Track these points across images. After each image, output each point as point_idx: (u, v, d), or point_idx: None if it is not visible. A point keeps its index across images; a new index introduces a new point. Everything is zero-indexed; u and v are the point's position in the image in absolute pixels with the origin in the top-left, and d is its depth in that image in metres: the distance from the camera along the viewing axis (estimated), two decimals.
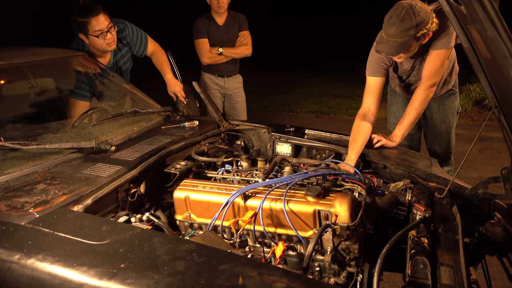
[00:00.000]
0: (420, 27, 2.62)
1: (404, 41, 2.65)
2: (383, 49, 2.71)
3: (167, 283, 1.34)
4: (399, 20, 2.61)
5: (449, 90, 3.48)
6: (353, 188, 2.18)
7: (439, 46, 2.86)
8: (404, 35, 2.63)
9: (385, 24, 2.70)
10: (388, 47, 2.69)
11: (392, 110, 3.80)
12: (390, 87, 3.79)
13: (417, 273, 1.60)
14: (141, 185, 2.29)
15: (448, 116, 3.53)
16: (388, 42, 2.68)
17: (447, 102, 3.51)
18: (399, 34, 2.63)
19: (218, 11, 4.78)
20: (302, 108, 9.97)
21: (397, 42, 2.65)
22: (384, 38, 2.71)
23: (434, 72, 2.91)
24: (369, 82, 3.11)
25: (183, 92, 3.94)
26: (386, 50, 2.71)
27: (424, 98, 2.93)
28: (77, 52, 3.42)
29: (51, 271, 1.46)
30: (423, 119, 3.64)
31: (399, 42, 2.65)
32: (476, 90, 9.13)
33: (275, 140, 3.06)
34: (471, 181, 2.87)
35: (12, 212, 1.79)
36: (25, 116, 2.83)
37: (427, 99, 2.96)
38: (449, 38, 2.84)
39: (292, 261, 2.07)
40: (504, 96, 1.75)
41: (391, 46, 2.67)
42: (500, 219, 2.12)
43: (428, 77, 2.92)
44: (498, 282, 3.41)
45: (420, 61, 3.07)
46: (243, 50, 5.01)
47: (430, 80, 2.91)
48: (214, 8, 4.79)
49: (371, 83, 3.09)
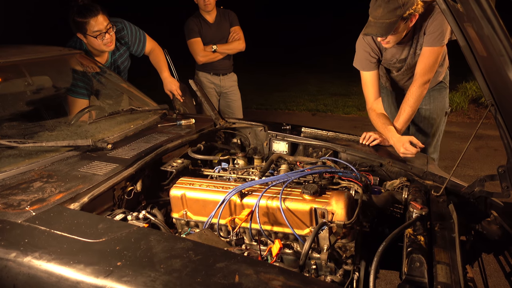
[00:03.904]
0: (406, 7, 2.65)
1: (391, 22, 2.67)
2: (372, 31, 2.74)
3: (164, 281, 1.34)
4: (384, 2, 2.64)
5: (440, 83, 3.51)
6: (350, 186, 2.18)
7: (432, 43, 2.88)
8: (391, 15, 2.65)
9: (372, 7, 2.73)
10: (377, 29, 2.71)
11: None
12: (380, 84, 3.79)
13: (413, 271, 1.61)
14: (138, 183, 2.29)
15: (437, 111, 3.53)
16: (376, 24, 2.70)
17: (437, 95, 3.53)
18: (386, 15, 2.66)
19: (206, 9, 4.81)
20: (299, 106, 9.98)
21: (385, 23, 2.67)
22: (371, 21, 2.73)
23: (427, 68, 2.93)
24: (364, 76, 3.18)
25: (180, 90, 3.94)
26: (374, 31, 2.73)
27: (419, 95, 2.95)
28: (74, 50, 3.42)
29: (48, 269, 1.45)
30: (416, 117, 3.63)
31: (387, 23, 2.67)
32: (473, 88, 9.16)
33: (271, 138, 3.05)
34: (467, 179, 2.88)
35: (9, 210, 1.78)
36: (22, 114, 2.83)
37: (422, 96, 2.98)
38: (442, 35, 2.85)
39: (289, 259, 2.07)
40: (501, 94, 1.75)
41: (379, 27, 2.69)
42: (497, 217, 2.12)
43: (422, 73, 2.94)
44: (495, 280, 3.42)
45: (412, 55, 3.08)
46: (236, 45, 5.03)
47: (424, 77, 2.93)
48: (202, 7, 4.82)
49: (367, 77, 3.16)
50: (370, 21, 2.75)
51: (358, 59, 3.18)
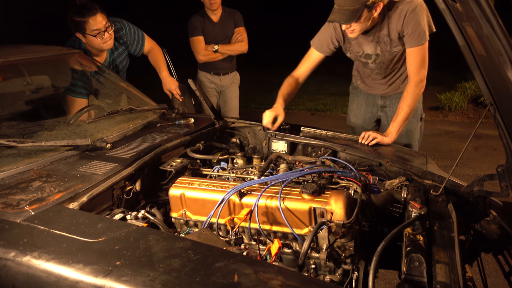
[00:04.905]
0: None
1: (355, 9, 2.68)
2: (335, 18, 2.74)
3: (163, 281, 1.34)
4: None
5: None
6: (349, 186, 2.18)
7: (416, 42, 2.89)
8: (355, 2, 2.66)
9: None
10: (340, 15, 2.71)
11: (353, 108, 3.78)
12: (352, 85, 3.79)
13: (412, 270, 1.61)
14: (137, 183, 2.29)
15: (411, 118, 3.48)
16: (340, 11, 2.71)
17: None
18: (350, 2, 2.67)
19: (211, 8, 4.77)
20: (298, 105, 9.97)
21: (348, 10, 2.68)
22: (335, 9, 2.74)
23: (419, 66, 2.94)
24: (311, 53, 3.28)
25: (179, 89, 3.93)
26: (338, 18, 2.73)
27: (417, 93, 2.95)
28: (73, 49, 3.41)
29: (47, 269, 1.45)
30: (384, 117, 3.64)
31: (351, 10, 2.68)
32: (472, 88, 9.17)
33: (270, 137, 3.05)
34: (466, 179, 2.88)
35: (8, 210, 1.78)
36: (21, 113, 2.83)
37: (419, 94, 2.98)
38: (423, 32, 2.86)
39: (288, 258, 2.07)
40: (500, 93, 1.76)
41: (343, 14, 2.70)
42: (496, 217, 2.13)
43: (415, 72, 2.94)
44: (494, 279, 3.42)
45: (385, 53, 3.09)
46: (238, 46, 4.99)
47: (419, 75, 2.93)
48: (207, 5, 4.78)
49: (314, 55, 3.27)
50: (334, 8, 2.76)
51: (318, 39, 3.22)
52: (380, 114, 3.62)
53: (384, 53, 3.11)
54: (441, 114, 8.90)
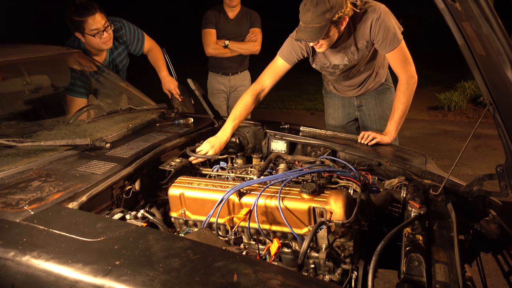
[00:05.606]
0: (335, 10, 2.61)
1: (321, 26, 2.63)
2: (303, 36, 2.70)
3: (162, 280, 1.34)
4: (313, 6, 2.60)
5: (382, 84, 3.48)
6: (348, 185, 2.19)
7: (390, 46, 2.86)
8: (321, 19, 2.62)
9: (301, 12, 2.69)
10: (307, 34, 2.67)
11: (330, 112, 3.77)
12: (324, 89, 3.78)
13: (412, 270, 1.61)
14: (136, 182, 2.29)
15: (386, 112, 3.48)
16: (306, 29, 2.66)
17: (382, 97, 3.51)
18: (315, 19, 2.62)
19: (230, 4, 4.72)
20: (297, 105, 9.98)
21: (315, 28, 2.64)
22: (302, 26, 2.69)
23: (403, 66, 2.92)
24: (277, 62, 3.10)
25: (178, 89, 3.93)
26: (305, 36, 2.69)
27: (410, 90, 2.93)
28: (72, 49, 3.41)
29: (46, 268, 1.45)
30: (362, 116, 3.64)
31: (317, 27, 2.63)
32: (471, 87, 9.16)
33: (270, 137, 3.06)
34: (466, 178, 2.87)
35: (7, 209, 1.78)
36: (20, 113, 2.83)
37: (412, 90, 2.95)
38: (394, 35, 2.83)
39: (287, 258, 2.07)
40: (499, 93, 1.76)
41: (309, 32, 2.66)
42: (495, 216, 2.13)
43: (402, 72, 2.92)
44: (493, 279, 3.42)
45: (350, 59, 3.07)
46: (250, 46, 4.90)
47: (407, 73, 2.91)
48: (226, 1, 4.73)
49: (279, 64, 3.09)
50: (300, 25, 2.71)
51: (287, 50, 3.08)
52: (357, 113, 3.63)
53: (352, 62, 3.09)
54: (440, 114, 8.90)
